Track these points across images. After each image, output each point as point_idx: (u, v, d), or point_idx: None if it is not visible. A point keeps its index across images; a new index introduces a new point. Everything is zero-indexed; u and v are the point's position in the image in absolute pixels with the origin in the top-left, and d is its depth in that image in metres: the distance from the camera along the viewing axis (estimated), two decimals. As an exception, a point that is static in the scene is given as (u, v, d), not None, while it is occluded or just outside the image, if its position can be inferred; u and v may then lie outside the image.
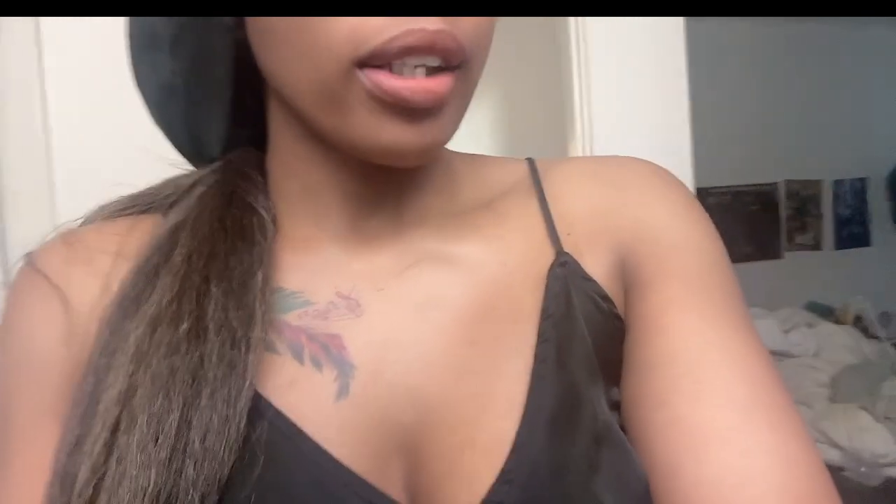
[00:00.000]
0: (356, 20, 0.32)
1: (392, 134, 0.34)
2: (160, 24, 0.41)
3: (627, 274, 0.41)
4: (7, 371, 0.40)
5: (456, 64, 0.34)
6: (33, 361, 0.39)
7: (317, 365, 0.37)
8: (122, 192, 0.47)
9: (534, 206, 0.43)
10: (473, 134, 2.54)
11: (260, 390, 0.36)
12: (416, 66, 0.33)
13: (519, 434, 0.35)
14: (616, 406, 0.40)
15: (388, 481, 0.36)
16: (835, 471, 2.14)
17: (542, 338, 0.38)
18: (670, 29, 1.33)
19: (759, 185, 3.67)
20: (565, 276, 0.40)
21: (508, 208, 0.43)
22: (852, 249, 3.79)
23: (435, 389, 0.37)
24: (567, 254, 0.41)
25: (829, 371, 2.60)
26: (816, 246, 3.77)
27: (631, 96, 1.30)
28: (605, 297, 0.41)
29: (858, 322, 3.19)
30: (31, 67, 1.02)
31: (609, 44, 1.30)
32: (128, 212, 0.45)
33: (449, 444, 0.36)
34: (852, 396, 2.37)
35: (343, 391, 0.37)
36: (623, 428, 0.39)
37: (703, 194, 3.43)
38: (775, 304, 3.12)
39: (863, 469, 2.16)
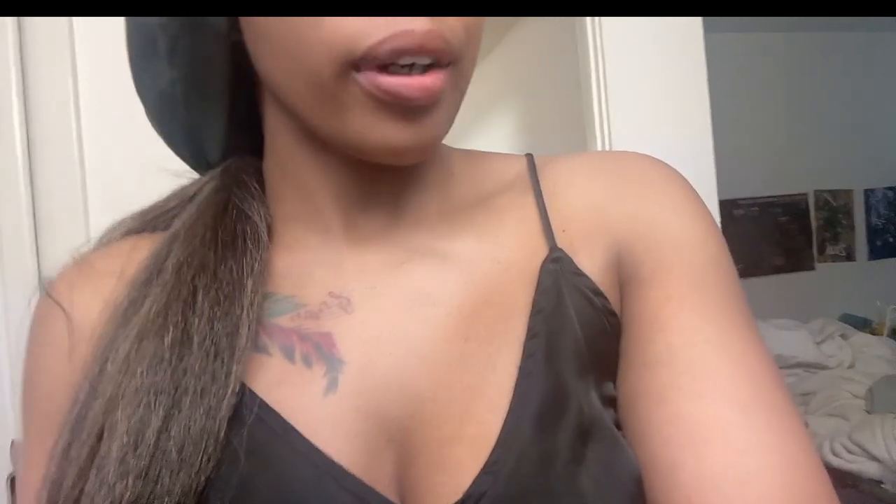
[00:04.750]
0: (346, 23, 0.32)
1: (390, 132, 0.35)
2: (158, 33, 0.41)
3: (624, 269, 0.41)
4: (24, 393, 0.42)
5: (446, 62, 0.34)
6: (42, 382, 0.41)
7: (307, 363, 0.38)
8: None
9: (530, 201, 0.43)
10: (492, 145, 2.55)
11: (252, 389, 0.36)
12: (405, 66, 0.33)
13: (504, 427, 0.35)
14: (610, 401, 0.39)
15: (377, 474, 0.36)
16: (873, 483, 2.08)
17: (531, 333, 0.38)
18: (690, 37, 1.32)
19: (788, 195, 3.62)
20: (557, 271, 0.40)
21: (504, 204, 0.43)
22: (887, 260, 3.72)
23: (425, 384, 0.37)
24: (560, 250, 0.41)
25: (865, 382, 2.55)
26: (850, 257, 3.70)
27: (650, 106, 1.30)
28: (598, 293, 0.40)
29: (895, 334, 3.12)
30: (67, 92, 1.05)
31: (627, 54, 1.30)
32: (135, 230, 0.45)
33: (437, 437, 0.36)
34: (890, 407, 2.31)
35: (332, 386, 0.37)
36: (620, 424, 0.39)
37: (729, 206, 3.39)
38: (808, 316, 3.07)
39: (903, 482, 2.09)
